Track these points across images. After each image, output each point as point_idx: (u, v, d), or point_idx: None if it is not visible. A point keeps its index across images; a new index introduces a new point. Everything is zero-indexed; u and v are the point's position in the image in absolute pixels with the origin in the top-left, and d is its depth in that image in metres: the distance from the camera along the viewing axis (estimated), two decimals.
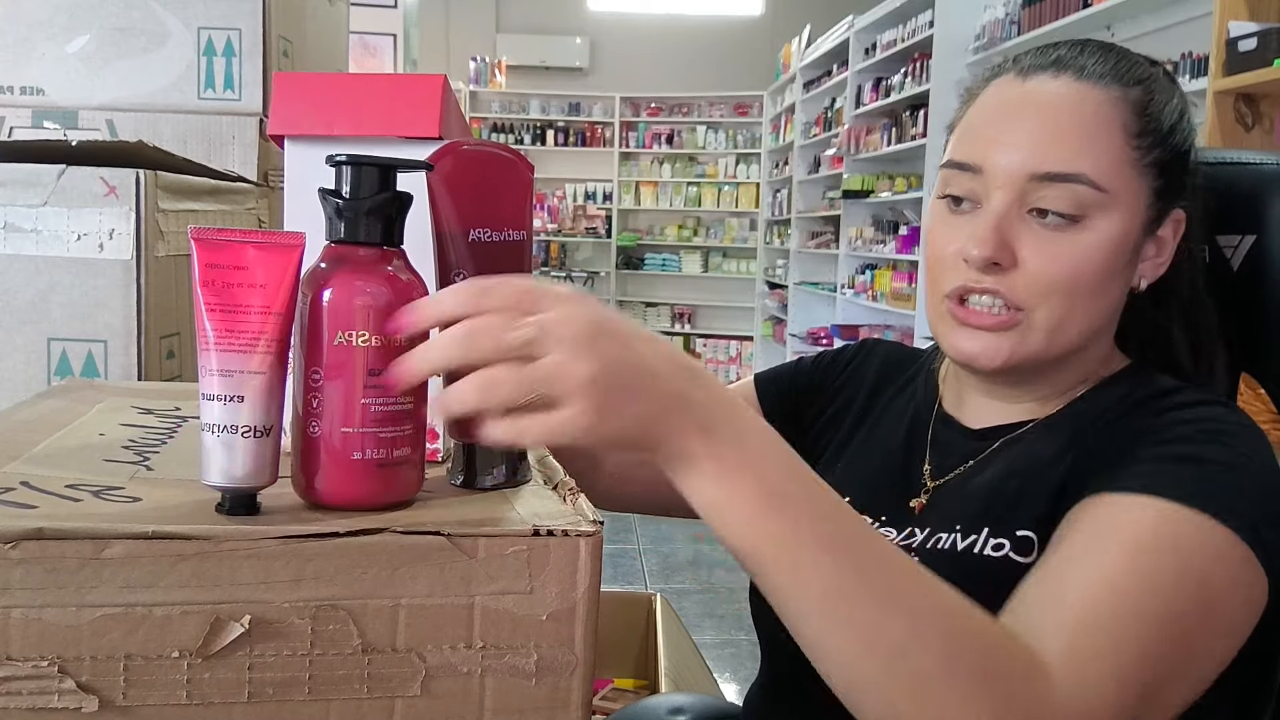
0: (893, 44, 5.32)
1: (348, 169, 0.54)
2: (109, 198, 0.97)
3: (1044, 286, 0.74)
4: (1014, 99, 0.77)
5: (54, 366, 0.98)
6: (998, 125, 0.76)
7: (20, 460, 0.61)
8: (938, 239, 0.79)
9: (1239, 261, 0.87)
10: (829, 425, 0.94)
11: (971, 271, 0.75)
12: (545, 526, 0.52)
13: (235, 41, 1.31)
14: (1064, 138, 0.74)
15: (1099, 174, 0.73)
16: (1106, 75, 0.76)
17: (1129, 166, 0.75)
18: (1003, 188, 0.74)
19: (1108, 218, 0.74)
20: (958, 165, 0.77)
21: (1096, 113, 0.74)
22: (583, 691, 0.53)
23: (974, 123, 0.79)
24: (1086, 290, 0.75)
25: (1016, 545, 0.73)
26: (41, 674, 0.47)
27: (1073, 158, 0.73)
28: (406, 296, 0.54)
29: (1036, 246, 0.74)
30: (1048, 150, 0.74)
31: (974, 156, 0.76)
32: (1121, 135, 0.74)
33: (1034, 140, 0.74)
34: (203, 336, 0.52)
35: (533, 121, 8.26)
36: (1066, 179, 0.73)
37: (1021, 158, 0.74)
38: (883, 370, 0.95)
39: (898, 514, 0.83)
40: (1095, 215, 0.74)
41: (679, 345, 8.32)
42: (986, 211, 0.75)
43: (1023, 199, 0.74)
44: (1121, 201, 0.74)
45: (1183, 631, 0.62)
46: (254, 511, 0.53)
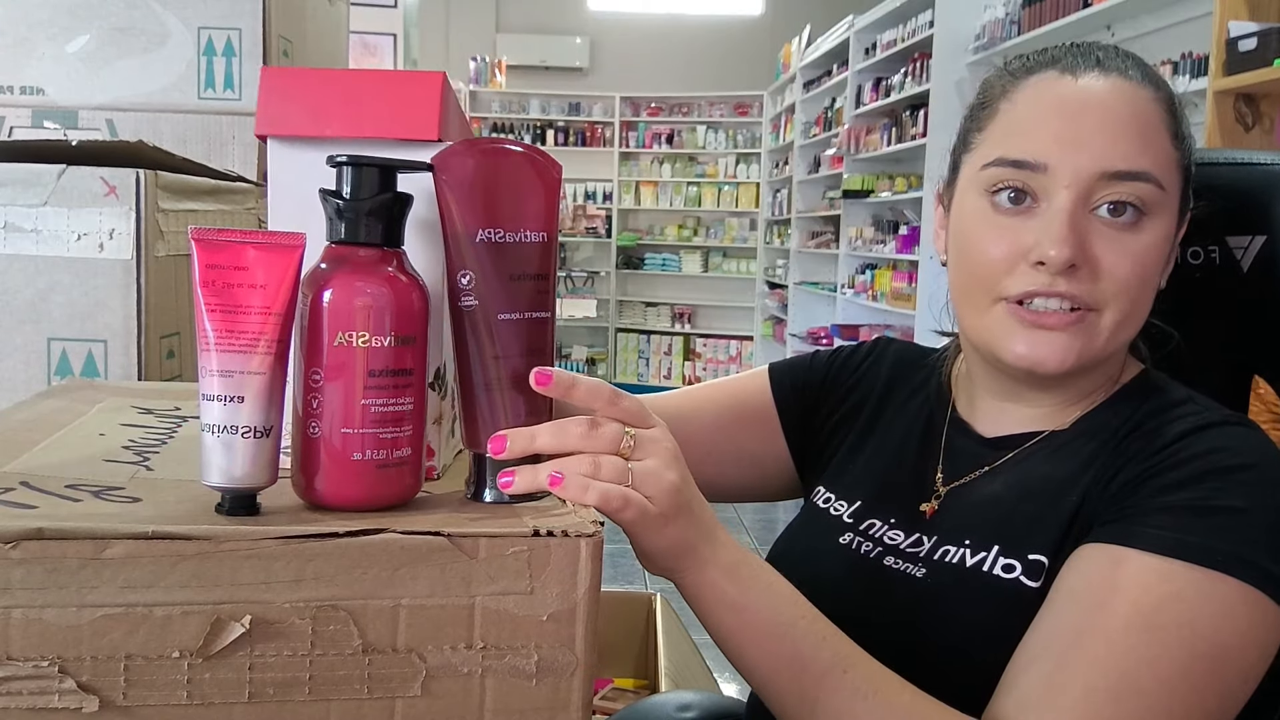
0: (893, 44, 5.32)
1: (348, 169, 0.54)
2: (109, 198, 0.97)
3: (1118, 287, 0.73)
4: (1071, 96, 0.74)
5: (54, 366, 0.98)
6: (1060, 122, 0.73)
7: (20, 460, 0.61)
8: (987, 240, 0.75)
9: (1249, 262, 0.87)
10: (842, 423, 0.94)
11: (1041, 275, 0.72)
12: (546, 527, 0.52)
13: (235, 41, 1.31)
14: (1130, 135, 0.72)
15: (1160, 172, 0.73)
16: (1144, 75, 0.76)
17: (1175, 166, 0.75)
18: (1070, 186, 0.72)
19: (1163, 217, 0.74)
20: (1016, 163, 0.74)
21: (1150, 111, 0.74)
22: (583, 692, 0.53)
23: (1025, 119, 0.75)
24: (1147, 289, 0.75)
25: (1027, 569, 0.72)
26: (42, 674, 0.47)
27: (1139, 155, 0.72)
28: (406, 297, 0.54)
29: (1108, 246, 0.73)
30: (1116, 147, 0.72)
31: (1037, 154, 0.73)
32: (1169, 135, 0.75)
33: (1103, 137, 0.72)
34: (203, 337, 0.52)
35: (533, 121, 8.25)
36: (1135, 177, 0.72)
37: (1092, 155, 0.72)
38: (895, 370, 0.95)
39: (908, 517, 0.83)
40: (1155, 214, 0.73)
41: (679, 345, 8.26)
42: (1055, 210, 0.72)
43: (1088, 198, 0.73)
44: (1172, 200, 0.75)
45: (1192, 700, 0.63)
46: (254, 512, 0.53)
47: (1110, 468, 0.74)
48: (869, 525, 0.84)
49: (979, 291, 0.77)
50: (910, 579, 0.77)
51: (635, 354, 8.20)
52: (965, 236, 0.78)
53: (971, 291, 0.78)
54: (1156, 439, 0.73)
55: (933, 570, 0.77)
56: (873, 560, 0.81)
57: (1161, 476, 0.70)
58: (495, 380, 0.57)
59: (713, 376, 7.91)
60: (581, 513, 0.54)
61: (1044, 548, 0.73)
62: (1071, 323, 0.73)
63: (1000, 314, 0.75)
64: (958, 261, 0.79)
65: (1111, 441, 0.76)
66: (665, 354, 8.15)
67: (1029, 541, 0.73)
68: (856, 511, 0.86)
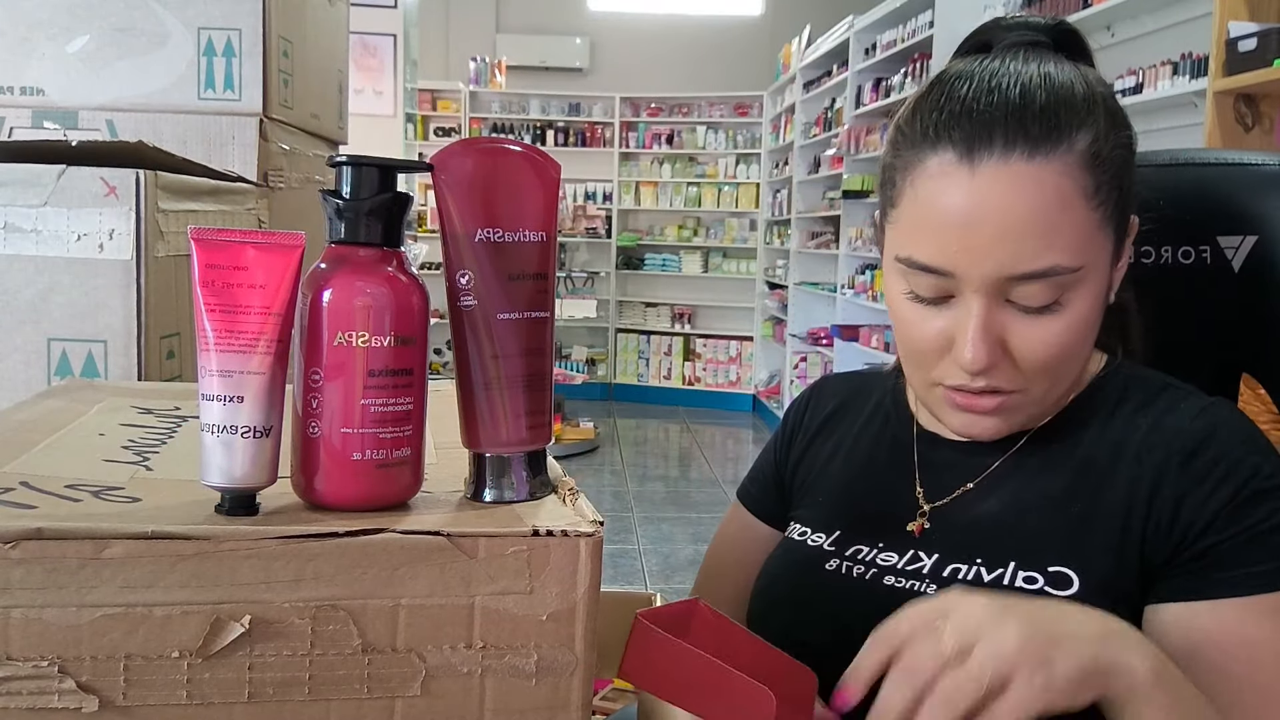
0: (893, 44, 5.32)
1: (348, 169, 0.54)
2: (109, 198, 0.97)
3: (1039, 370, 0.75)
4: (967, 196, 0.71)
5: (54, 366, 0.98)
6: (959, 229, 0.71)
7: (20, 460, 0.61)
8: (913, 328, 0.77)
9: (1240, 262, 0.87)
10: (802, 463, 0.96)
11: (959, 371, 0.75)
12: (545, 527, 0.52)
13: (235, 41, 1.31)
14: (1032, 234, 0.70)
15: (1070, 258, 0.71)
16: (1053, 132, 0.71)
17: (1095, 230, 0.73)
18: (979, 291, 0.72)
19: (1084, 288, 0.73)
20: (924, 268, 0.74)
21: (1057, 194, 0.70)
22: (583, 691, 0.53)
23: (925, 217, 0.73)
24: (1078, 355, 0.77)
25: (1050, 580, 0.73)
26: (41, 674, 0.47)
27: (1044, 252, 0.70)
28: (407, 297, 0.54)
29: (1024, 334, 0.73)
30: (1019, 251, 0.70)
31: (941, 262, 0.73)
32: (1084, 205, 0.71)
33: (1004, 244, 0.70)
34: (202, 337, 0.52)
35: (533, 121, 8.25)
36: (1042, 275, 0.71)
37: (996, 263, 0.71)
38: (840, 401, 0.97)
39: (895, 538, 0.82)
40: (1073, 291, 0.73)
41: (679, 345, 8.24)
42: (969, 313, 0.73)
43: (999, 294, 0.73)
44: (1094, 267, 0.73)
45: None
46: (253, 512, 0.53)
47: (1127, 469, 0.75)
48: (855, 550, 0.83)
49: (915, 370, 0.80)
50: (921, 596, 0.77)
51: (635, 354, 8.20)
52: (895, 314, 0.80)
53: (910, 365, 0.81)
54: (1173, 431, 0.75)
55: (945, 587, 0.76)
56: (869, 581, 0.80)
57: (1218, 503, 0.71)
58: (495, 379, 0.57)
59: (713, 377, 7.99)
60: (581, 512, 0.54)
61: (1066, 560, 0.73)
62: (998, 406, 0.76)
63: (938, 394, 0.79)
64: (896, 333, 0.82)
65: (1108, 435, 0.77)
66: (665, 354, 8.15)
67: (1045, 555, 0.74)
68: (838, 540, 0.85)
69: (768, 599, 0.87)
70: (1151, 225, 0.82)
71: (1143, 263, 0.92)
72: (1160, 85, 3.23)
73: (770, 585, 0.88)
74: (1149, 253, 0.92)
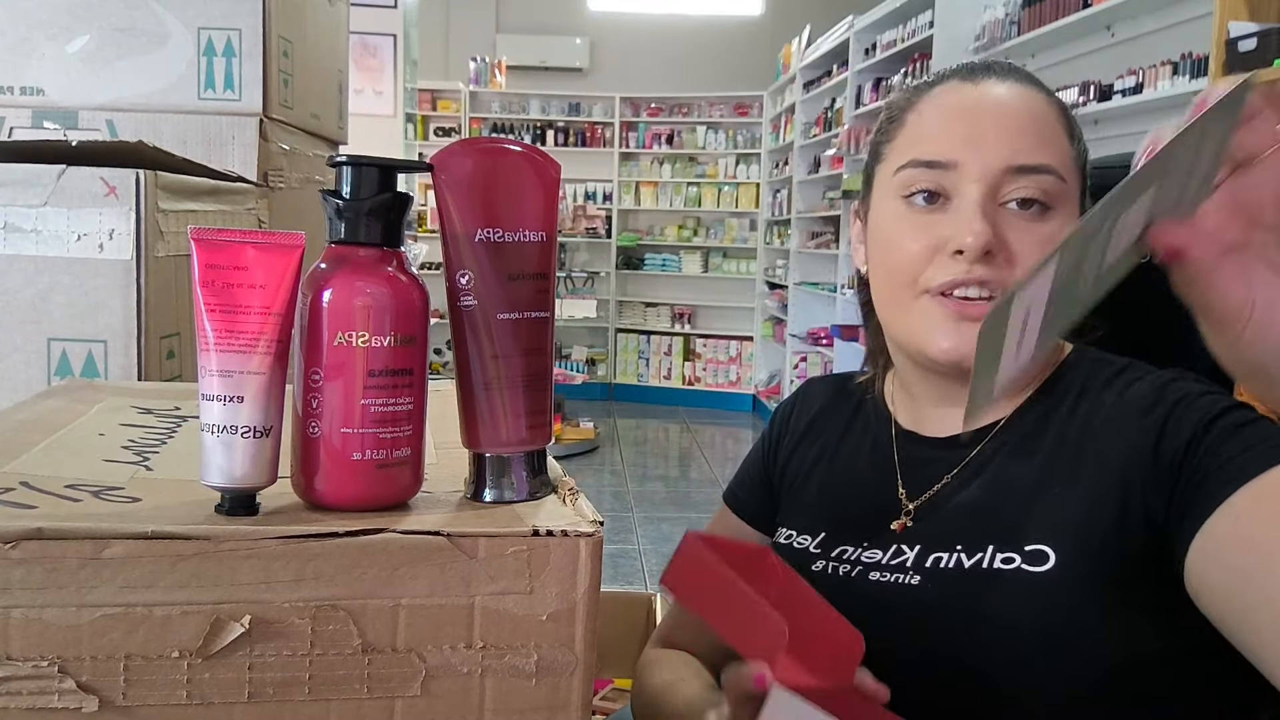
0: (893, 44, 5.32)
1: (348, 169, 0.54)
2: (109, 198, 0.97)
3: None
4: (973, 98, 0.80)
5: (54, 367, 0.98)
6: (964, 122, 0.78)
7: (20, 460, 0.61)
8: (906, 237, 0.79)
9: None
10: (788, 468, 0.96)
11: (960, 264, 0.76)
12: (545, 527, 0.52)
13: (235, 41, 1.31)
14: (1031, 132, 0.77)
15: (1061, 166, 0.78)
16: (1037, 84, 0.81)
17: (1073, 163, 0.80)
18: (979, 180, 0.77)
19: (1065, 208, 0.78)
20: (926, 163, 0.79)
21: (1047, 112, 0.79)
22: (583, 691, 0.53)
23: (932, 124, 0.80)
24: None
25: (1027, 558, 0.73)
26: (41, 674, 0.47)
27: (1040, 150, 0.77)
28: (407, 297, 0.54)
29: (1019, 235, 0.77)
30: (1019, 143, 0.77)
31: (945, 153, 0.78)
32: (1066, 134, 0.80)
33: (1006, 135, 0.77)
34: (202, 337, 0.52)
35: (533, 121, 8.25)
36: (1039, 170, 0.76)
37: (996, 151, 0.76)
38: (824, 404, 0.97)
39: (879, 537, 0.83)
40: (1059, 205, 0.78)
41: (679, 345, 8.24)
42: (966, 203, 0.77)
43: (996, 192, 0.77)
44: (1073, 194, 0.79)
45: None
46: (253, 512, 0.53)
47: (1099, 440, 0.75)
48: (840, 551, 0.84)
49: (902, 287, 0.80)
50: (906, 587, 0.78)
51: (635, 354, 8.20)
52: (885, 237, 0.82)
53: (895, 289, 0.81)
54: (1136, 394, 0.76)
55: (929, 576, 0.77)
56: (855, 579, 0.81)
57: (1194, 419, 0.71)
58: (495, 379, 0.57)
59: (713, 377, 7.98)
60: (581, 512, 0.54)
61: (1043, 538, 0.73)
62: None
63: (925, 306, 0.78)
64: (879, 263, 0.83)
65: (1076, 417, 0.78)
66: (665, 354, 8.15)
67: (1021, 535, 0.74)
68: (823, 542, 0.86)
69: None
70: None
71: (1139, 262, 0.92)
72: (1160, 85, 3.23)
73: None
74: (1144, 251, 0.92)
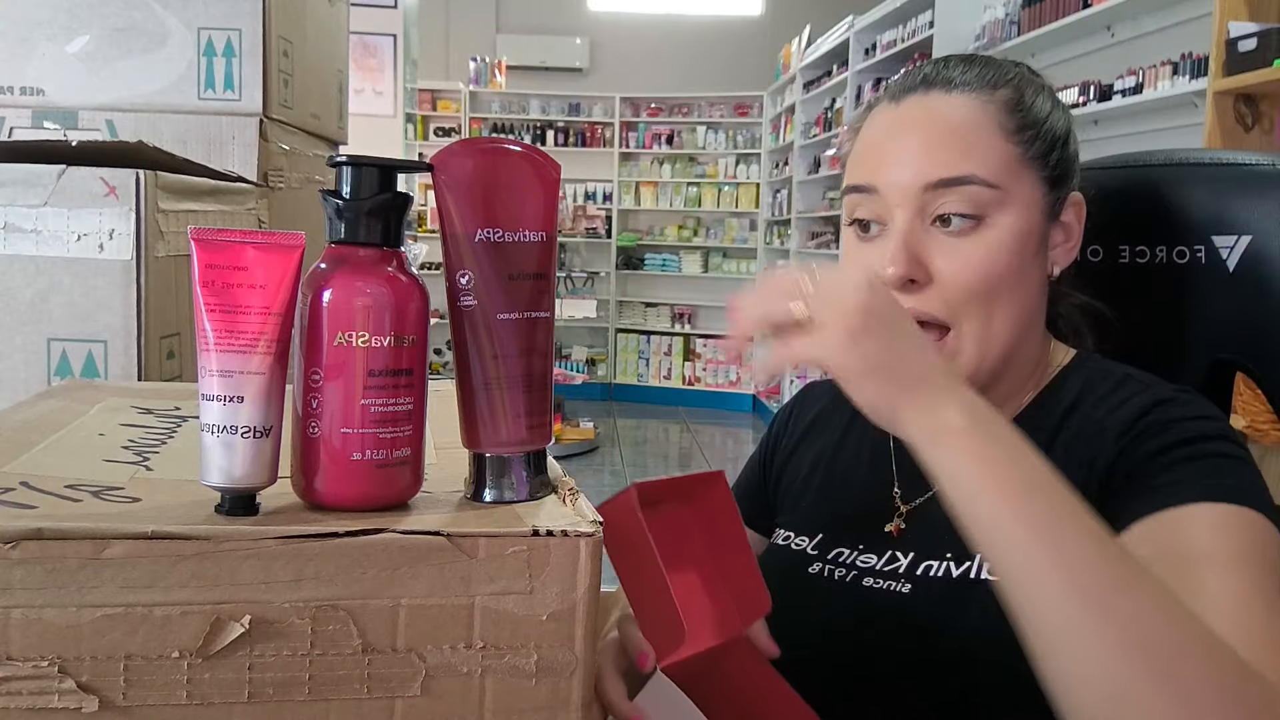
0: (893, 44, 5.32)
1: (348, 169, 0.54)
2: (109, 198, 0.97)
3: (962, 294, 0.75)
4: (892, 121, 0.81)
5: (54, 367, 0.98)
6: (882, 147, 0.80)
7: (20, 460, 0.61)
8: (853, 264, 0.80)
9: (1235, 262, 0.87)
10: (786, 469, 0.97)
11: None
12: (545, 527, 0.52)
13: (235, 41, 1.31)
14: (946, 145, 0.77)
15: (988, 172, 0.76)
16: (972, 83, 0.79)
17: (1015, 162, 0.77)
18: (901, 204, 0.77)
19: (1006, 213, 0.76)
20: (854, 189, 0.81)
21: (970, 117, 0.78)
22: (583, 691, 0.53)
23: (860, 149, 0.82)
24: (1003, 288, 0.76)
25: None
26: (41, 674, 0.47)
27: (958, 161, 0.76)
28: (406, 297, 0.54)
29: (946, 256, 0.76)
30: (934, 159, 0.76)
31: (867, 178, 0.79)
32: (1000, 134, 0.77)
33: (919, 153, 0.77)
34: (202, 337, 0.52)
35: (533, 122, 8.25)
36: (958, 182, 0.75)
37: (912, 171, 0.76)
38: (824, 406, 0.97)
39: (875, 540, 0.83)
40: (994, 213, 0.76)
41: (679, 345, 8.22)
42: (892, 231, 0.77)
43: (923, 211, 0.76)
44: (1016, 196, 0.77)
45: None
46: (253, 512, 0.53)
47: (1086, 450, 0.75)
48: (836, 554, 0.84)
49: None
50: (897, 595, 0.78)
51: (635, 354, 8.20)
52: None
53: None
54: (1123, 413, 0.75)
55: (919, 585, 0.77)
56: (849, 584, 0.81)
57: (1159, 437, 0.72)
58: (495, 379, 0.57)
59: (712, 377, 7.97)
60: (581, 512, 0.54)
61: None
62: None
63: None
64: None
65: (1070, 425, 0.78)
66: (665, 354, 8.15)
67: None
68: (820, 543, 0.86)
69: None
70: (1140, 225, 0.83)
71: (1138, 263, 0.92)
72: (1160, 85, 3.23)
73: None
74: (1144, 252, 0.92)
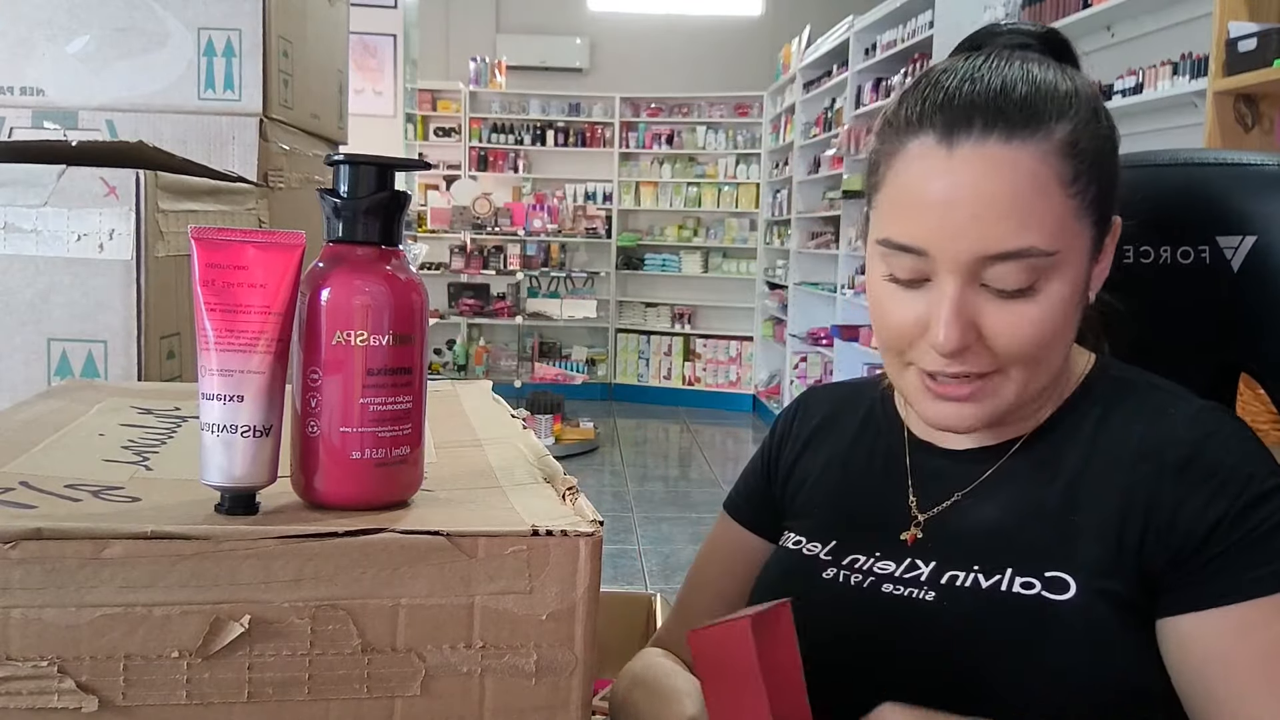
0: (893, 44, 5.32)
1: (345, 168, 0.54)
2: (109, 198, 0.97)
3: (1014, 355, 0.75)
4: (944, 176, 0.72)
5: (54, 367, 0.98)
6: (936, 209, 0.72)
7: (20, 460, 0.61)
8: (893, 312, 0.77)
9: (1239, 262, 0.87)
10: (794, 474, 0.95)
11: (939, 357, 0.74)
12: (545, 526, 0.52)
13: (235, 42, 1.31)
14: (1008, 215, 0.71)
15: (1046, 240, 0.72)
16: (1033, 120, 0.72)
17: (1071, 218, 0.73)
18: (954, 272, 0.73)
19: (1061, 275, 0.73)
20: (901, 247, 0.74)
21: (1033, 178, 0.71)
22: (583, 691, 0.53)
23: (904, 199, 0.75)
24: (1054, 344, 0.76)
25: (1047, 585, 0.73)
26: (41, 674, 0.47)
27: (1020, 232, 0.71)
28: (405, 296, 0.54)
29: (998, 318, 0.73)
30: (994, 231, 0.71)
31: (918, 240, 0.73)
32: (1060, 191, 0.72)
33: (979, 224, 0.71)
34: (202, 336, 0.52)
35: (533, 122, 8.25)
36: (1017, 255, 0.71)
37: (970, 243, 0.71)
38: (828, 412, 0.96)
39: (891, 548, 0.82)
40: (1050, 276, 0.73)
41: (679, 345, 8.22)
42: (943, 295, 0.73)
43: (975, 275, 0.73)
44: (1071, 253, 0.74)
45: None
46: (253, 511, 0.53)
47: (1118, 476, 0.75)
48: (851, 560, 0.83)
49: (892, 354, 0.80)
50: (920, 603, 0.77)
51: (635, 354, 8.20)
52: (874, 299, 0.80)
53: (887, 352, 0.81)
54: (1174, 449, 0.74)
55: (945, 594, 0.76)
56: (868, 589, 0.80)
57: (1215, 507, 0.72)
58: None
59: (713, 377, 7.98)
60: (581, 512, 0.54)
61: (1062, 565, 0.73)
62: (973, 393, 0.76)
63: (912, 378, 0.78)
64: (873, 317, 0.81)
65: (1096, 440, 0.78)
66: (665, 354, 8.15)
67: (1044, 561, 0.74)
68: (834, 550, 0.85)
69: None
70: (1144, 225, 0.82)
71: (1142, 263, 0.92)
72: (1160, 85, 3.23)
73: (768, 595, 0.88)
74: (1148, 253, 0.92)
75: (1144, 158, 0.95)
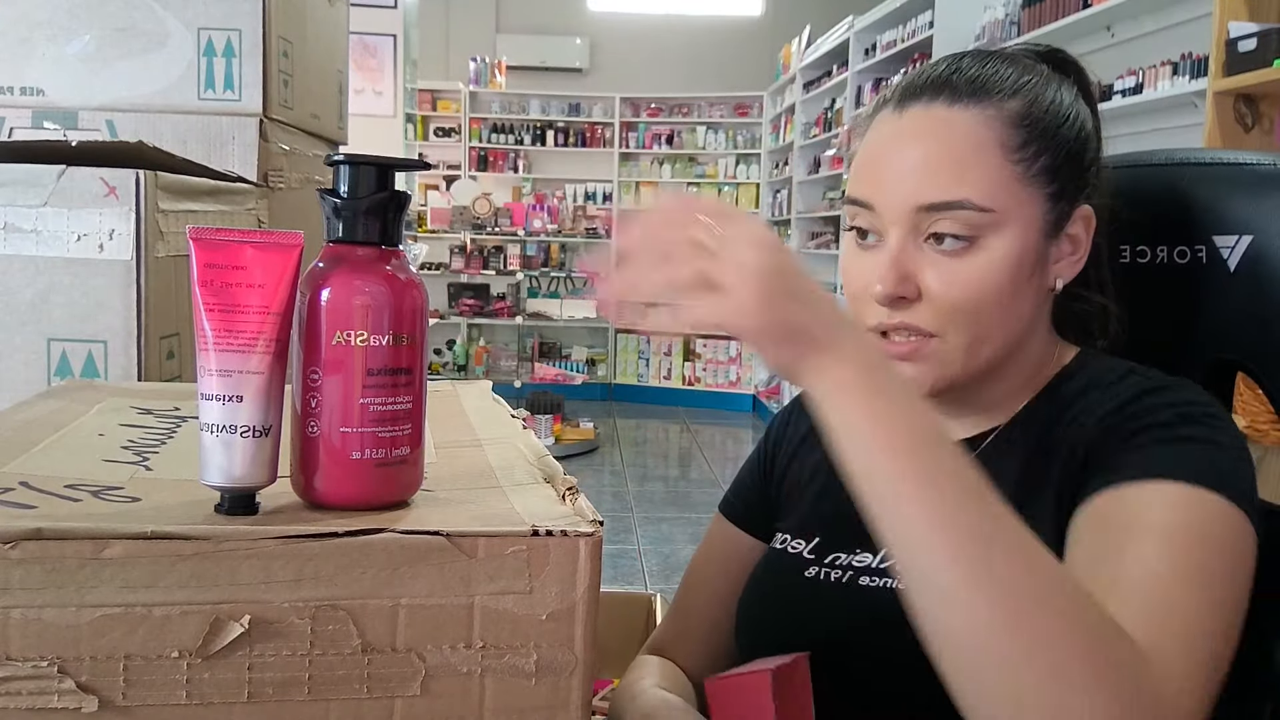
0: (893, 44, 5.32)
1: (345, 168, 0.54)
2: (109, 198, 0.97)
3: (948, 311, 0.76)
4: (891, 134, 0.79)
5: (54, 367, 0.98)
6: (881, 161, 0.79)
7: (20, 460, 0.61)
8: (851, 274, 0.81)
9: (1236, 262, 0.87)
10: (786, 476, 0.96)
11: (882, 309, 0.77)
12: (545, 526, 0.52)
13: (235, 42, 1.31)
14: (942, 167, 0.75)
15: (982, 196, 0.75)
16: (979, 91, 0.77)
17: (1014, 182, 0.76)
18: (896, 222, 0.77)
19: (1001, 235, 0.76)
20: (854, 201, 0.80)
21: (969, 137, 0.76)
22: (583, 691, 0.53)
23: (862, 159, 0.81)
24: (993, 307, 0.76)
25: None
26: (41, 674, 0.47)
27: (953, 185, 0.75)
28: (405, 296, 0.54)
29: (936, 273, 0.76)
30: (929, 181, 0.75)
31: (865, 193, 0.79)
32: (1000, 153, 0.76)
33: (915, 173, 0.76)
34: (201, 336, 0.52)
35: (533, 122, 8.25)
36: (950, 206, 0.75)
37: (906, 191, 0.76)
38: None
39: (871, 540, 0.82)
40: (988, 235, 0.75)
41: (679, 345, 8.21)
42: (885, 247, 0.77)
43: (917, 229, 0.76)
44: (1012, 217, 0.76)
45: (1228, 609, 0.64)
46: (253, 511, 0.53)
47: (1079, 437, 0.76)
48: (833, 557, 0.84)
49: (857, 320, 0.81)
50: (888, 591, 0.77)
51: (635, 354, 8.20)
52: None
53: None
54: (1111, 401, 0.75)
55: None
56: (846, 584, 0.81)
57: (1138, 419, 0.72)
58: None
59: (712, 377, 7.97)
60: (581, 512, 0.54)
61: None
62: (912, 351, 0.77)
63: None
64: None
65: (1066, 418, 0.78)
66: (665, 354, 8.15)
67: None
68: (817, 547, 0.86)
69: (753, 609, 0.88)
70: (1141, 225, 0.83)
71: (1139, 262, 0.92)
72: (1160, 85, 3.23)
73: (755, 595, 0.89)
74: (1145, 252, 0.92)
75: (1140, 157, 0.95)
